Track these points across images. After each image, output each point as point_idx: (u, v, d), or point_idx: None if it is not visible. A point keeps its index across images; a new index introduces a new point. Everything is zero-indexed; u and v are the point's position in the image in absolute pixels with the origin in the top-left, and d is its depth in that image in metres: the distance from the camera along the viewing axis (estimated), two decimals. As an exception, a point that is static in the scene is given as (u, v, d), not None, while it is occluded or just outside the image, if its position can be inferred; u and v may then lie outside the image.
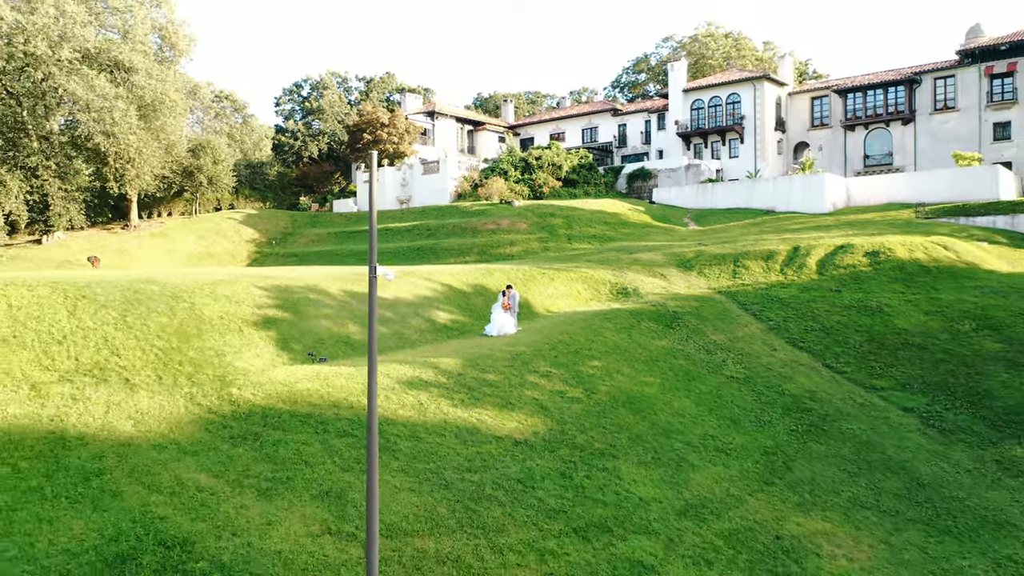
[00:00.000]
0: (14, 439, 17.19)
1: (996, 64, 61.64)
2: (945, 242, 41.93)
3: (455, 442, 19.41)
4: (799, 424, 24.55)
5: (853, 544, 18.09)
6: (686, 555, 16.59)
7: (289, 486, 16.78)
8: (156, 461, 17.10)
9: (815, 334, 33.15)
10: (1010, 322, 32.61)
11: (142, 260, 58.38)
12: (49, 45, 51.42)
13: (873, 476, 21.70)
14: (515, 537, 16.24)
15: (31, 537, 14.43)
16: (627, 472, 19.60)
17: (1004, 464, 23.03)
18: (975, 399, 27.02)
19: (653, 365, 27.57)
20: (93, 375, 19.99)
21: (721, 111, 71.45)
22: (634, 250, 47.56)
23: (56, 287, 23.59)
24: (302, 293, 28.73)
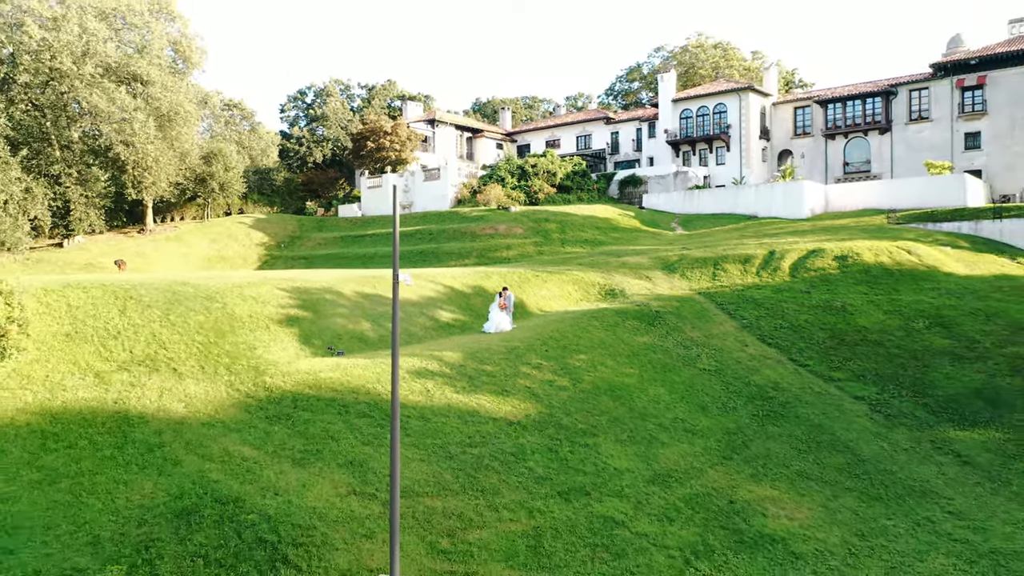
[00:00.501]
0: (87, 417, 20.34)
1: (967, 77, 64.86)
2: (909, 247, 45.06)
3: (458, 422, 22.54)
4: (760, 410, 27.70)
5: (795, 507, 21.25)
6: (651, 514, 19.74)
7: (319, 457, 19.91)
8: (206, 436, 20.22)
9: (783, 331, 36.25)
10: (960, 320, 35.79)
11: (159, 263, 61.39)
12: (73, 61, 54.45)
13: (820, 453, 24.86)
14: (508, 498, 19.38)
15: (111, 495, 17.59)
16: (605, 448, 22.75)
17: (937, 444, 26.21)
18: (920, 389, 30.19)
19: (634, 358, 30.69)
20: (146, 365, 23.12)
21: (708, 120, 74.61)
22: (623, 254, 50.66)
23: (107, 289, 26.71)
24: (319, 294, 31.85)
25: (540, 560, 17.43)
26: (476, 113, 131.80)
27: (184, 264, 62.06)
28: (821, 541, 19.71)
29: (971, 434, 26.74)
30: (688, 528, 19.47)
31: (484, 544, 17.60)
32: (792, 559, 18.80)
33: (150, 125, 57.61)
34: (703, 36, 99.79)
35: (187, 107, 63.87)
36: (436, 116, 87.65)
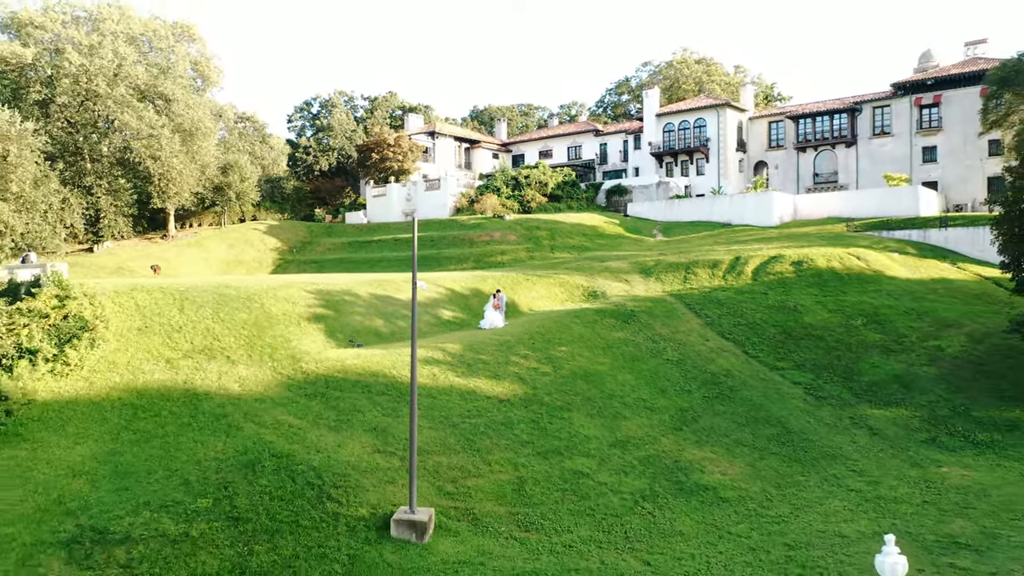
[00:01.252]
0: (164, 394, 25.43)
1: (924, 96, 70.07)
2: (859, 253, 50.22)
3: (459, 399, 27.64)
4: (711, 392, 32.82)
5: (728, 466, 26.39)
6: (611, 468, 24.88)
7: (349, 424, 25.00)
8: (259, 409, 25.30)
9: (741, 328, 41.32)
10: (893, 318, 40.95)
11: (182, 267, 66.31)
12: (107, 83, 59.37)
13: (756, 426, 29.99)
14: (499, 456, 24.49)
15: (192, 451, 22.68)
16: (577, 420, 27.87)
17: (855, 420, 31.37)
18: (849, 375, 35.37)
19: (608, 350, 35.76)
20: (205, 353, 28.21)
21: (689, 133, 79.72)
22: (606, 259, 55.69)
23: (166, 292, 31.79)
24: (339, 296, 36.94)
25: (522, 500, 22.57)
26: (473, 120, 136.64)
27: (205, 268, 66.99)
28: (744, 490, 24.87)
29: (884, 412, 31.94)
30: (640, 479, 24.62)
31: (480, 488, 22.73)
32: (719, 501, 23.95)
33: (175, 141, 62.59)
34: (688, 52, 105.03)
35: (207, 123, 68.89)
36: (436, 128, 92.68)
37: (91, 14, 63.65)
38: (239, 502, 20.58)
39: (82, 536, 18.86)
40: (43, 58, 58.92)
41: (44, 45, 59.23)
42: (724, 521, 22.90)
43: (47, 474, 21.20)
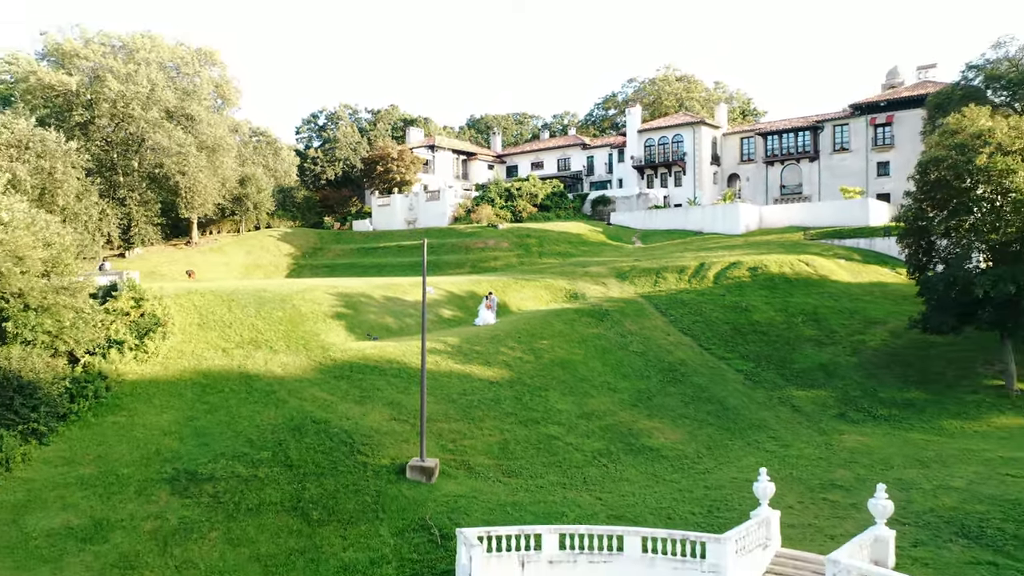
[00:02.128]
0: (223, 375, 31.84)
1: (878, 116, 76.53)
2: (808, 259, 56.57)
3: (457, 381, 34.04)
4: (665, 377, 39.25)
5: (671, 433, 32.85)
6: (577, 433, 31.34)
7: (370, 399, 31.40)
8: (299, 387, 31.70)
9: (698, 325, 47.69)
10: (829, 316, 47.36)
11: (206, 271, 72.48)
12: (142, 107, 65.58)
13: (699, 404, 36.44)
14: (488, 424, 30.93)
15: (251, 418, 29.09)
16: (553, 398, 34.30)
17: (781, 399, 37.84)
18: (783, 364, 41.81)
19: (582, 343, 42.14)
20: (253, 344, 34.61)
21: (668, 148, 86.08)
22: (587, 264, 62.01)
23: (216, 294, 38.19)
24: (356, 297, 43.34)
25: (507, 455, 29.03)
26: (471, 129, 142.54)
27: (227, 272, 73.23)
28: (681, 451, 31.34)
29: (806, 393, 38.44)
30: (599, 442, 31.09)
31: (473, 446, 29.18)
32: (660, 459, 30.42)
33: (201, 158, 68.80)
34: (671, 69, 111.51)
35: (228, 140, 75.09)
36: (435, 142, 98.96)
37: (126, 44, 69.86)
38: (291, 454, 27.02)
39: (179, 476, 25.29)
40: (85, 84, 65.08)
41: (85, 73, 65.40)
42: (662, 472, 29.37)
43: (144, 434, 27.62)
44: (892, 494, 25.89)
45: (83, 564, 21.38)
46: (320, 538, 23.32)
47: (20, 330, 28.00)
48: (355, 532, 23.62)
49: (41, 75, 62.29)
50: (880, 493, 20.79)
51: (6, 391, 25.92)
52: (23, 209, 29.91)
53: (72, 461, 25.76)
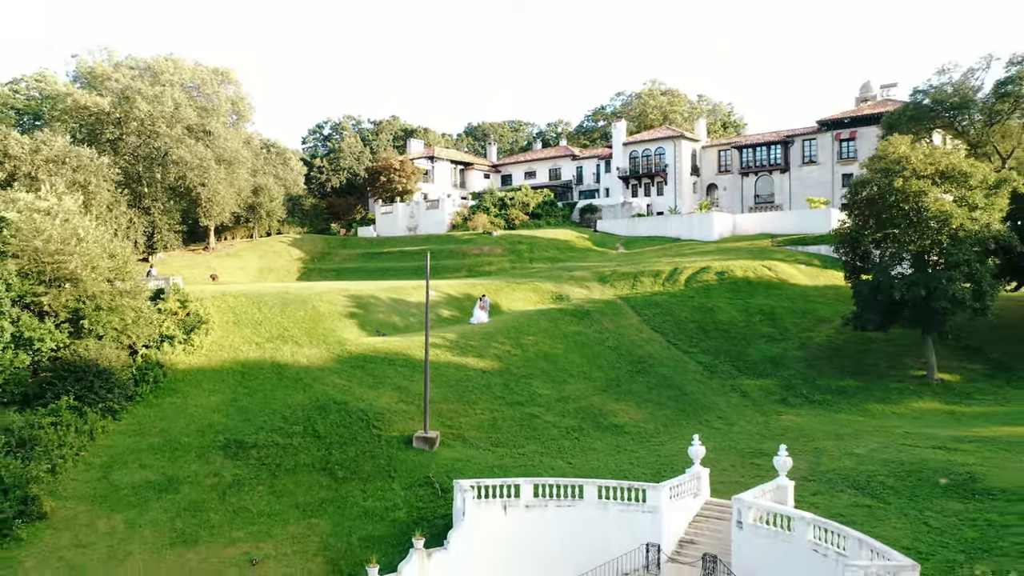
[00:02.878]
0: (258, 365, 37.53)
1: (842, 132, 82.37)
2: (771, 265, 62.31)
3: (454, 370, 39.73)
4: (635, 368, 44.98)
5: (635, 414, 38.60)
6: (555, 413, 37.09)
7: (381, 385, 37.11)
8: (321, 375, 37.40)
9: (668, 323, 53.39)
10: (784, 316, 53.13)
11: (225, 274, 77.90)
12: (167, 124, 71.19)
13: (661, 391, 42.17)
14: (480, 406, 36.65)
15: (284, 399, 34.80)
16: (536, 385, 40.03)
17: (733, 387, 43.60)
18: (738, 357, 47.55)
19: (564, 339, 47.85)
20: (281, 339, 40.32)
21: (651, 160, 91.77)
22: (573, 269, 67.67)
23: (246, 297, 43.87)
24: (366, 299, 49.04)
25: (495, 430, 34.76)
26: (468, 136, 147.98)
27: (243, 275, 78.77)
28: (642, 428, 37.10)
29: (755, 381, 44.23)
30: (573, 420, 36.84)
31: (467, 423, 34.91)
32: (624, 434, 36.17)
33: (220, 171, 74.43)
34: (656, 83, 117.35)
35: (243, 153, 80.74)
36: (435, 153, 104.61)
37: (151, 67, 75.34)
38: (319, 427, 32.75)
39: (229, 443, 31.02)
40: (115, 105, 70.58)
41: (116, 94, 70.87)
42: (624, 444, 35.14)
43: (197, 411, 33.33)
44: (806, 459, 31.77)
45: (162, 508, 27.09)
46: (345, 491, 29.05)
47: (94, 326, 33.68)
48: (372, 487, 29.36)
49: (77, 97, 67.87)
50: (782, 452, 26.49)
51: (87, 376, 31.58)
52: (94, 227, 35.59)
53: (141, 432, 31.45)
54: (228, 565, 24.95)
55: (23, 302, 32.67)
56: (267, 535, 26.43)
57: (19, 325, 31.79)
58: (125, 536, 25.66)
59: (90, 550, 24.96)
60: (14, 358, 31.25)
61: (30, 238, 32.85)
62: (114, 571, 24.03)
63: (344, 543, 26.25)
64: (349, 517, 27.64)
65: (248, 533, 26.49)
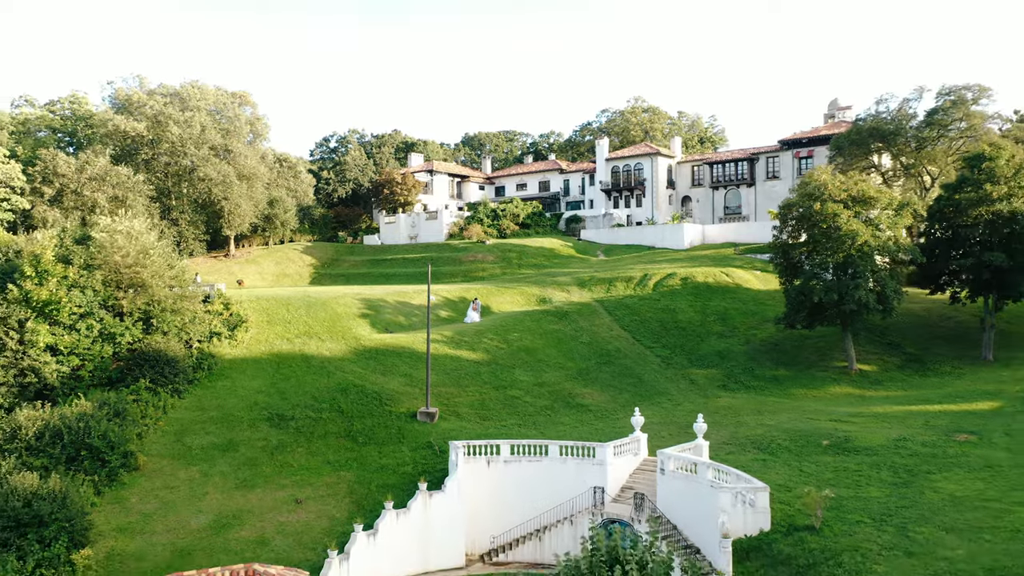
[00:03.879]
0: (290, 356, 45.42)
1: (801, 150, 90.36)
2: (729, 271, 70.17)
3: (450, 361, 47.62)
4: (602, 360, 52.83)
5: (599, 396, 46.49)
6: (532, 395, 45.01)
7: (391, 372, 45.01)
8: (342, 364, 45.27)
9: (635, 323, 61.20)
10: (735, 316, 61.00)
11: (245, 278, 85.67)
12: (195, 145, 78.96)
13: (623, 378, 50.03)
14: (471, 389, 44.56)
15: (313, 384, 42.62)
16: (517, 373, 47.93)
17: (684, 376, 51.51)
18: (692, 351, 55.45)
19: (544, 336, 55.70)
20: (307, 335, 48.18)
21: (631, 174, 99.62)
22: (556, 275, 75.47)
23: (275, 300, 51.72)
24: (376, 301, 56.91)
25: (483, 407, 42.68)
26: (465, 147, 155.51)
27: (261, 280, 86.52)
28: (604, 407, 44.98)
29: (703, 371, 52.16)
30: (547, 400, 44.75)
31: (461, 402, 42.82)
32: (588, 411, 44.07)
33: (241, 186, 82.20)
34: (639, 100, 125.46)
35: (261, 169, 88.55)
36: (433, 167, 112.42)
37: (179, 93, 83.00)
38: (342, 405, 40.61)
39: (272, 416, 38.87)
40: (149, 128, 78.25)
41: (149, 119, 78.52)
42: (588, 420, 43.03)
43: (244, 392, 41.16)
44: (729, 429, 39.72)
45: (226, 463, 34.94)
46: (365, 452, 36.92)
47: (160, 324, 41.51)
48: (386, 449, 37.24)
49: (118, 123, 75.69)
50: (699, 419, 34.34)
51: (159, 364, 39.40)
52: (159, 244, 43.46)
53: (202, 408, 39.28)
54: (280, 503, 32.80)
55: (106, 305, 40.51)
56: (307, 483, 34.31)
57: (104, 323, 39.65)
58: (201, 482, 33.55)
59: (176, 491, 32.83)
60: (101, 349, 39.11)
61: (111, 254, 40.70)
62: (197, 505, 31.89)
63: (365, 489, 34.14)
64: (368, 471, 35.53)
65: (292, 481, 34.36)
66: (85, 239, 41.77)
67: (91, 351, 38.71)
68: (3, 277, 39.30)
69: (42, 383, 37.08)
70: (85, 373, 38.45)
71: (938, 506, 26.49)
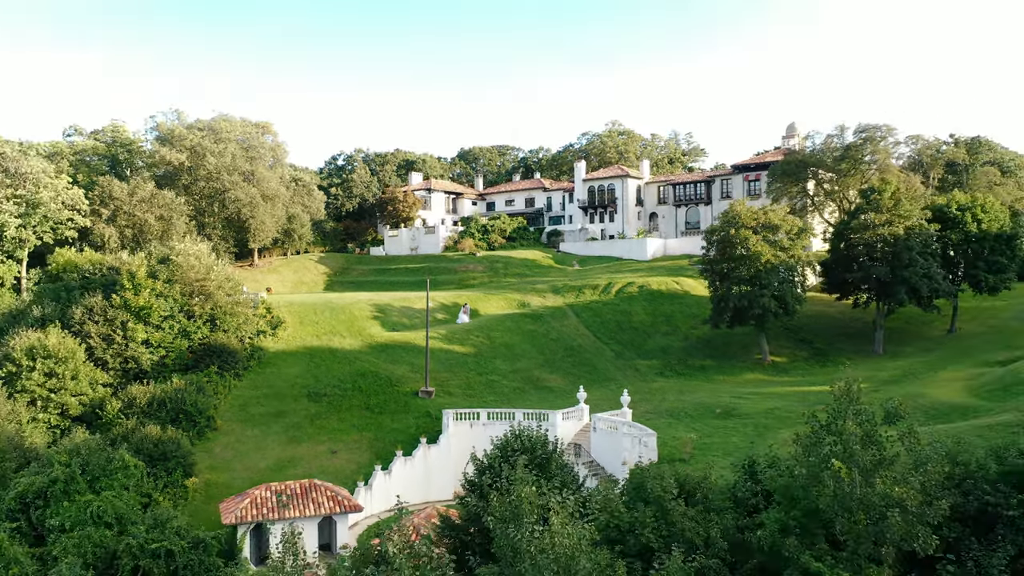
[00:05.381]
0: (319, 349, 57.40)
1: (750, 175, 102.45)
2: (679, 280, 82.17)
3: (443, 353, 59.55)
4: (566, 353, 64.76)
5: (560, 380, 58.50)
6: (508, 380, 57.06)
7: (398, 361, 57.01)
8: (360, 355, 57.25)
9: (597, 323, 73.09)
10: (679, 318, 72.99)
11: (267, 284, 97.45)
12: (227, 172, 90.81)
13: (581, 368, 61.96)
14: (460, 374, 56.58)
15: (337, 370, 54.73)
16: (497, 362, 59.90)
17: (631, 366, 63.51)
18: (640, 346, 67.44)
19: (521, 334, 67.59)
20: (331, 333, 60.17)
21: (604, 193, 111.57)
22: (536, 283, 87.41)
23: (304, 304, 63.64)
24: (384, 306, 68.85)
25: (469, 388, 54.73)
26: (461, 160, 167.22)
27: (282, 286, 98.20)
28: (564, 388, 57.00)
29: (646, 362, 64.17)
30: (519, 384, 56.79)
31: (452, 384, 54.86)
32: (551, 392, 56.10)
33: (267, 207, 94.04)
34: (616, 124, 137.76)
35: (281, 191, 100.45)
36: (431, 185, 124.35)
37: (211, 126, 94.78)
38: (361, 385, 52.55)
39: (310, 393, 50.81)
40: (189, 158, 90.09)
41: (188, 149, 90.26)
42: (550, 398, 54.99)
43: (286, 376, 53.07)
44: (654, 403, 51.76)
45: (279, 426, 46.81)
46: (380, 419, 48.83)
47: (221, 324, 53.39)
48: (396, 417, 49.17)
49: (164, 153, 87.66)
50: (624, 394, 46.27)
51: (223, 354, 51.22)
52: (220, 263, 55.34)
53: (256, 387, 51.15)
54: (320, 454, 44.73)
55: (183, 309, 52.42)
56: (339, 440, 46.23)
57: (181, 323, 51.56)
58: (262, 438, 45.48)
59: (245, 444, 44.75)
60: (180, 343, 51.01)
61: (186, 271, 52.61)
62: (261, 453, 43.80)
63: (381, 444, 46.08)
64: (383, 432, 47.47)
65: (328, 439, 46.29)
66: (166, 259, 53.65)
67: (173, 345, 50.60)
68: (107, 288, 51.21)
69: (139, 368, 48.95)
70: (169, 361, 50.33)
71: (769, 444, 38.46)
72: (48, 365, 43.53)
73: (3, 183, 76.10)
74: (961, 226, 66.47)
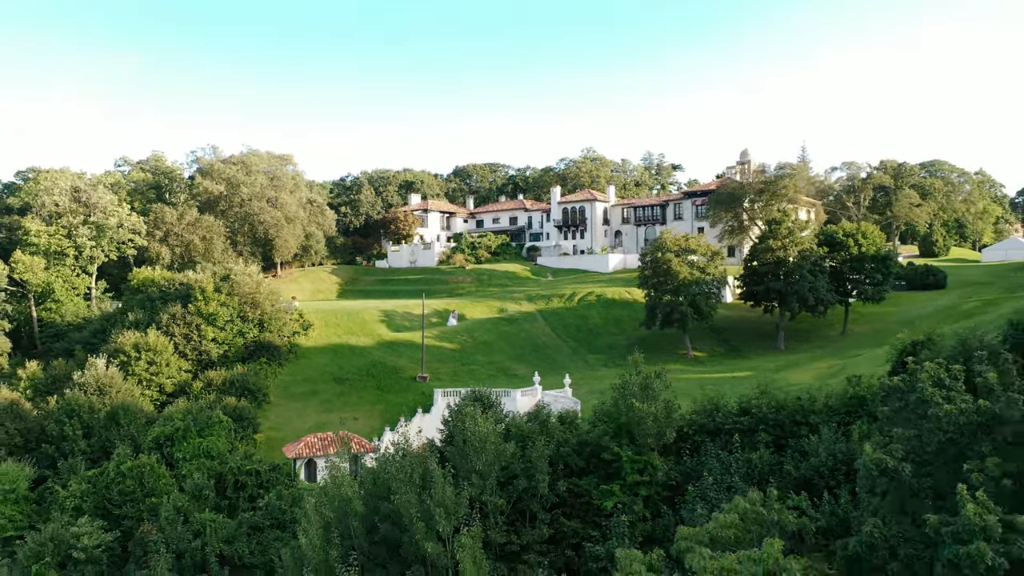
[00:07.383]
0: (340, 346, 73.43)
1: (697, 200, 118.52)
2: (631, 290, 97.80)
3: (436, 349, 75.45)
4: (533, 349, 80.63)
5: (525, 370, 74.28)
6: (486, 369, 73.04)
7: (401, 355, 72.97)
8: (371, 350, 73.23)
9: (561, 326, 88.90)
10: (626, 321, 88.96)
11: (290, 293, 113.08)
12: (256, 200, 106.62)
13: (542, 361, 77.84)
14: (448, 364, 72.54)
15: (356, 362, 70.80)
16: (477, 356, 75.83)
17: (582, 358, 79.44)
18: (592, 343, 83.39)
19: (498, 334, 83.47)
20: (349, 333, 76.13)
21: (576, 214, 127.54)
22: (514, 292, 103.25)
23: (326, 310, 79.53)
24: (390, 311, 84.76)
25: (455, 375, 70.69)
26: (456, 177, 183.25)
27: (301, 294, 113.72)
28: (527, 375, 72.80)
29: (595, 356, 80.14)
30: (494, 372, 72.76)
31: (442, 372, 70.83)
32: (517, 378, 71.92)
33: (289, 228, 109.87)
34: (590, 150, 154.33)
35: (300, 213, 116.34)
36: (428, 206, 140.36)
37: (243, 160, 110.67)
38: (374, 373, 68.54)
39: (336, 378, 66.78)
40: (225, 188, 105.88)
41: (225, 181, 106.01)
42: (516, 383, 70.79)
43: (317, 366, 68.97)
44: (594, 386, 67.73)
45: (314, 401, 62.61)
46: (388, 397, 64.69)
47: (268, 326, 69.22)
48: (400, 395, 65.02)
49: (206, 185, 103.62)
50: (566, 377, 62.16)
51: (270, 349, 67.03)
52: (265, 278, 71.18)
53: (294, 374, 66.96)
54: (345, 419, 60.44)
55: (239, 315, 68.26)
56: (359, 411, 62.07)
57: (238, 326, 67.43)
58: (303, 409, 61.30)
59: (290, 413, 60.57)
60: (237, 340, 66.86)
61: (241, 285, 68.46)
62: (302, 419, 59.60)
63: (389, 413, 61.93)
64: (391, 405, 63.35)
65: (350, 410, 62.08)
66: (226, 277, 69.52)
67: (233, 342, 66.44)
68: (183, 298, 67.07)
69: (209, 359, 64.77)
70: (230, 354, 66.15)
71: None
72: (149, 356, 59.39)
73: (80, 211, 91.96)
74: (846, 249, 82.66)
